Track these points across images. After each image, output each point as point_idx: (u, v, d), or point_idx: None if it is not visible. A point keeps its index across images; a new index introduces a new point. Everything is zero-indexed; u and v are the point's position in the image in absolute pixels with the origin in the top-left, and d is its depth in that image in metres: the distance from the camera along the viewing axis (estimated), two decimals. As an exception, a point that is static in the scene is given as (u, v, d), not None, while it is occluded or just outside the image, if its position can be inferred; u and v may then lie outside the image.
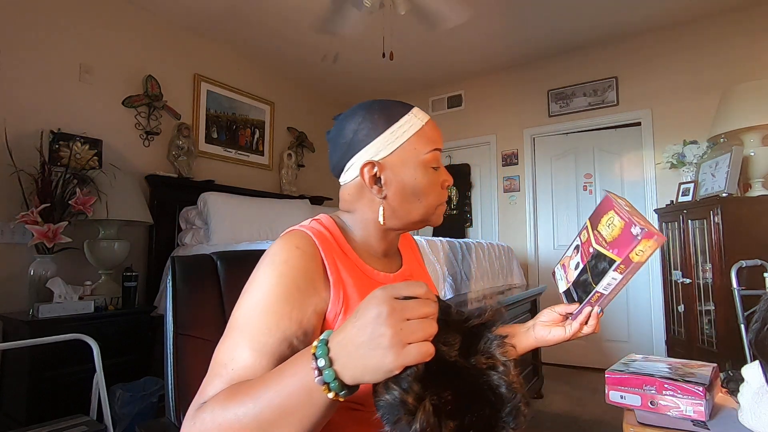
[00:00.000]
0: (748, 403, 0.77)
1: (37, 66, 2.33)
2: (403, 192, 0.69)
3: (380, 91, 4.39)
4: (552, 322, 0.79)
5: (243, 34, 3.24)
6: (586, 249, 0.73)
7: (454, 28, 2.87)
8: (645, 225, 0.63)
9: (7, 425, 1.95)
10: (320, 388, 0.41)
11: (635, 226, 0.63)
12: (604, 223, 0.70)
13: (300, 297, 0.58)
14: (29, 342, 1.62)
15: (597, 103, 3.48)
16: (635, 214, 0.66)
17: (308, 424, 0.43)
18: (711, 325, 2.45)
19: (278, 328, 0.55)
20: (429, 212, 0.72)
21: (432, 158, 0.70)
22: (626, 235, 0.64)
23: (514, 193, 3.83)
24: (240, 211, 2.85)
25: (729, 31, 2.98)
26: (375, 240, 0.73)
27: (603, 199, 0.73)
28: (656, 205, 3.17)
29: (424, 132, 0.70)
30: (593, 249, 0.70)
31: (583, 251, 0.74)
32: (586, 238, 0.73)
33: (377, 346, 0.39)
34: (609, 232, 0.68)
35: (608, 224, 0.68)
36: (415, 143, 0.69)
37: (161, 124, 2.89)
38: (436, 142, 0.72)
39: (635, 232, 0.62)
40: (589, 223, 0.75)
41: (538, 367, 2.80)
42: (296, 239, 0.63)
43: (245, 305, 0.57)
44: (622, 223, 0.65)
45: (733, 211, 2.35)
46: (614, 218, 0.67)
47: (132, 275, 2.33)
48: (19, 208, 2.10)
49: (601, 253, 0.68)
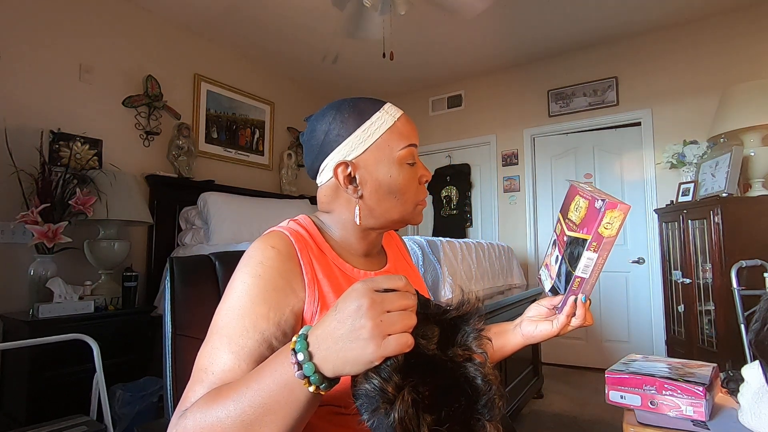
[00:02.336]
0: (748, 403, 0.77)
1: (37, 66, 2.33)
2: (379, 190, 0.68)
3: (380, 91, 4.39)
4: (539, 317, 0.75)
5: (243, 34, 3.24)
6: (561, 240, 0.72)
7: (455, 28, 2.87)
8: (607, 197, 0.62)
9: (7, 425, 1.95)
10: (301, 382, 0.41)
11: (597, 201, 0.62)
12: (572, 209, 0.69)
13: (277, 297, 0.58)
14: (29, 342, 1.62)
15: (597, 103, 3.48)
16: (597, 192, 0.66)
17: (291, 421, 0.43)
18: (711, 325, 2.45)
19: (256, 329, 0.55)
20: (407, 210, 0.71)
21: (407, 154, 0.69)
22: (591, 212, 0.64)
23: (514, 193, 3.83)
24: (240, 211, 2.85)
25: (729, 32, 2.98)
26: (355, 239, 0.72)
27: (568, 190, 0.73)
28: (656, 205, 3.17)
29: (396, 128, 0.69)
30: (567, 237, 0.69)
31: (559, 243, 0.73)
32: (560, 230, 0.73)
33: (357, 337, 0.39)
34: (577, 216, 0.67)
35: (575, 209, 0.68)
36: (389, 140, 0.68)
37: (161, 124, 2.89)
38: (410, 137, 0.70)
39: (598, 205, 0.62)
40: (560, 216, 0.75)
41: (538, 367, 2.80)
42: (272, 240, 0.63)
43: (223, 309, 0.57)
44: (586, 202, 0.65)
45: (733, 211, 2.35)
46: (579, 201, 0.67)
47: (132, 275, 2.34)
48: (19, 208, 2.10)
49: (574, 238, 0.67)
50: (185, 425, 0.46)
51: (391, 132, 0.68)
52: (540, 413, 2.54)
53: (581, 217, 0.66)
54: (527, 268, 3.66)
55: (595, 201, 0.63)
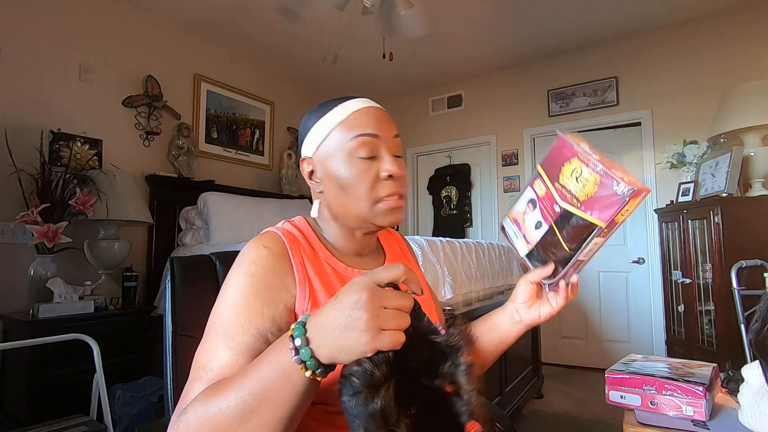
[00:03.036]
0: (748, 403, 0.77)
1: (37, 66, 2.33)
2: (334, 186, 0.67)
3: (380, 91, 4.39)
4: (532, 297, 0.71)
5: (243, 34, 3.24)
6: (548, 207, 0.62)
7: (454, 28, 2.87)
8: (627, 179, 0.53)
9: (7, 425, 1.95)
10: (298, 367, 0.42)
11: (618, 183, 0.52)
12: (568, 174, 0.58)
13: (270, 294, 0.59)
14: (29, 342, 1.62)
15: (597, 103, 3.48)
16: (607, 163, 0.55)
17: (289, 408, 0.44)
18: (711, 325, 2.45)
19: (251, 325, 0.56)
20: (362, 208, 0.66)
21: (358, 146, 0.65)
22: (607, 194, 0.54)
23: (514, 193, 3.83)
24: (240, 211, 2.85)
25: (729, 32, 2.98)
26: (341, 239, 0.72)
27: (557, 142, 0.60)
28: (656, 205, 3.17)
29: (349, 120, 0.67)
30: (560, 208, 0.59)
31: (544, 208, 0.62)
32: (545, 191, 0.61)
33: (353, 328, 0.40)
34: (579, 188, 0.56)
35: (575, 177, 0.57)
36: (340, 132, 0.67)
37: (161, 124, 2.89)
38: (363, 127, 0.66)
39: (620, 191, 0.52)
40: (543, 173, 0.63)
41: (538, 367, 2.80)
42: (265, 240, 0.65)
43: (219, 308, 0.59)
44: (595, 177, 0.55)
45: (733, 211, 2.35)
46: (582, 170, 0.56)
47: (132, 275, 2.34)
48: (19, 208, 2.10)
49: (571, 213, 0.58)
50: (187, 419, 0.47)
51: (342, 124, 0.67)
52: (540, 413, 2.54)
53: (588, 193, 0.55)
54: (527, 268, 3.65)
55: (613, 181, 0.52)
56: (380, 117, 0.68)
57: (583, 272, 3.09)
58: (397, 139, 0.70)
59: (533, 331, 2.78)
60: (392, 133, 0.69)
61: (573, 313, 3.53)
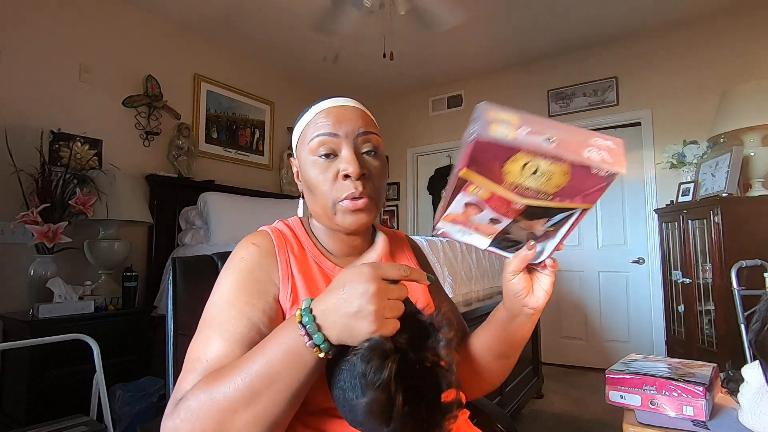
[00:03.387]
0: (748, 403, 0.77)
1: (37, 66, 2.33)
2: (305, 186, 0.70)
3: (380, 91, 4.39)
4: (525, 288, 0.61)
5: (243, 34, 3.24)
6: (501, 207, 0.51)
7: (454, 28, 2.87)
8: (605, 154, 0.44)
9: (7, 425, 1.95)
10: (311, 350, 0.46)
11: (595, 167, 0.44)
12: (518, 173, 0.45)
13: (259, 287, 0.62)
14: (29, 342, 1.62)
15: (597, 103, 3.48)
16: (570, 143, 0.44)
17: (299, 386, 0.47)
18: (711, 325, 2.45)
19: (243, 315, 0.58)
20: (326, 208, 0.65)
21: (317, 145, 0.65)
22: (586, 181, 0.46)
23: (514, 193, 3.82)
24: (240, 211, 2.85)
25: (729, 32, 2.98)
26: (327, 238, 0.73)
27: (473, 145, 0.43)
28: (656, 205, 3.17)
29: (314, 119, 0.67)
30: (522, 205, 0.50)
31: (497, 209, 0.51)
32: (489, 194, 0.49)
33: (363, 318, 0.44)
34: (543, 182, 0.46)
35: (530, 173, 0.45)
36: (306, 132, 0.68)
37: (161, 124, 2.89)
38: (322, 127, 0.65)
39: (603, 173, 0.44)
40: (472, 175, 0.47)
41: (538, 367, 2.80)
42: (254, 238, 0.68)
43: (211, 303, 0.61)
44: (561, 167, 0.44)
45: (733, 211, 2.35)
46: (539, 164, 0.44)
47: (132, 275, 2.34)
48: (19, 208, 2.10)
49: (540, 207, 0.50)
50: (189, 406, 0.47)
51: (309, 124, 0.68)
52: (540, 413, 2.54)
53: (558, 185, 0.46)
54: (527, 268, 3.65)
55: (589, 168, 0.44)
56: (342, 114, 0.66)
57: (584, 272, 3.06)
58: (369, 136, 0.67)
59: (533, 331, 2.77)
60: (357, 130, 0.66)
61: (573, 313, 3.53)
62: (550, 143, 0.43)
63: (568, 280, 3.57)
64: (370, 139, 0.68)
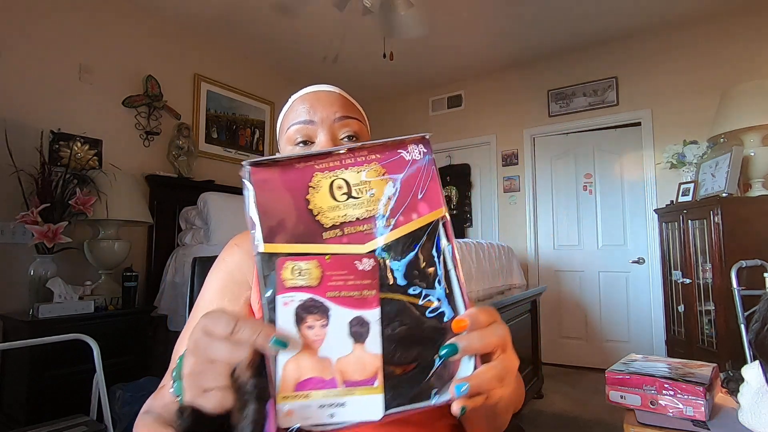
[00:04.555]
0: (748, 403, 0.77)
1: (37, 66, 2.33)
2: None
3: (380, 91, 4.39)
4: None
5: (243, 34, 3.24)
6: (347, 282, 0.33)
7: (455, 28, 2.87)
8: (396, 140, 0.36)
9: (7, 425, 1.95)
10: (176, 398, 0.37)
11: (407, 152, 0.36)
12: (329, 200, 0.35)
13: (234, 288, 0.61)
14: (29, 342, 1.62)
15: (597, 103, 3.48)
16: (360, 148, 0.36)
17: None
18: (711, 325, 2.45)
19: None
20: None
21: (294, 133, 0.62)
22: (405, 175, 0.36)
23: (514, 193, 3.83)
24: (240, 211, 2.82)
25: (729, 32, 2.98)
26: None
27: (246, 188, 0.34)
28: (656, 205, 3.17)
29: (291, 107, 0.66)
30: (372, 259, 0.34)
31: (341, 291, 0.33)
32: (318, 270, 0.33)
33: (184, 376, 0.33)
34: (365, 202, 0.35)
35: (342, 194, 0.35)
36: (283, 125, 0.66)
37: (161, 124, 2.89)
38: (299, 113, 0.62)
39: (417, 156, 0.36)
40: (279, 247, 0.33)
41: (538, 367, 2.80)
42: (238, 238, 0.67)
43: (195, 305, 0.62)
44: (373, 169, 0.35)
45: (733, 211, 2.35)
46: (346, 176, 0.35)
47: (132, 275, 2.33)
48: (19, 208, 2.10)
49: (393, 242, 0.35)
50: (140, 414, 0.50)
51: (287, 114, 0.66)
52: (540, 413, 2.54)
53: (379, 198, 0.35)
54: (527, 268, 3.66)
55: (395, 155, 0.36)
56: (317, 100, 0.63)
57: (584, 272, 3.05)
58: (348, 121, 0.62)
59: (533, 331, 2.78)
60: (333, 114, 0.62)
61: (573, 313, 3.53)
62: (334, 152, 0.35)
63: (568, 280, 3.57)
64: (349, 123, 0.63)
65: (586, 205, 3.56)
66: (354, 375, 0.32)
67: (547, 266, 3.66)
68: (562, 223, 3.65)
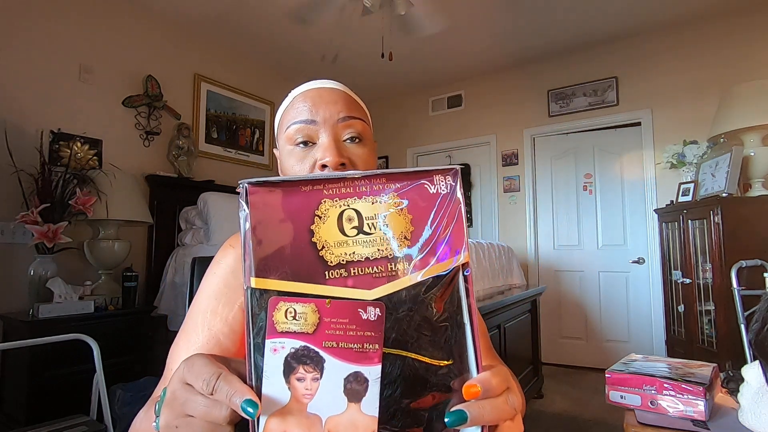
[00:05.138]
0: (748, 403, 0.77)
1: (37, 66, 2.33)
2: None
3: (380, 91, 4.39)
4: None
5: (243, 34, 3.24)
6: (347, 332, 0.29)
7: (455, 28, 2.87)
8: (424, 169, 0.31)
9: (7, 425, 1.95)
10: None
11: (435, 183, 0.31)
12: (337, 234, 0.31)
13: (228, 293, 0.59)
14: (29, 342, 1.62)
15: (597, 103, 3.48)
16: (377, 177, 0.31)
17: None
18: (711, 325, 2.45)
19: (205, 325, 0.56)
20: None
21: (294, 132, 0.60)
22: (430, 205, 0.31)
23: (514, 193, 3.83)
24: (240, 211, 2.84)
25: (729, 31, 2.98)
26: None
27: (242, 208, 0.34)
28: (656, 205, 3.17)
29: (291, 104, 0.63)
30: (376, 311, 0.29)
31: (342, 342, 0.29)
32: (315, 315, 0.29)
33: (162, 429, 0.32)
34: (381, 238, 0.31)
35: (352, 227, 0.31)
36: (283, 122, 0.63)
37: (161, 124, 2.89)
38: (298, 113, 0.60)
39: (445, 188, 0.31)
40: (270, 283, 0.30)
41: (538, 367, 2.80)
42: (234, 239, 0.64)
43: (190, 308, 0.60)
44: (387, 202, 0.31)
45: (733, 211, 2.35)
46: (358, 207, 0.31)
47: (132, 275, 2.34)
48: (19, 208, 2.10)
49: (401, 291, 0.30)
50: (138, 415, 0.50)
51: (286, 111, 0.63)
52: (540, 413, 2.54)
53: (405, 232, 0.31)
54: (527, 268, 3.66)
55: (418, 182, 0.31)
56: (320, 98, 0.61)
57: (584, 272, 3.05)
58: (351, 121, 0.61)
59: (533, 331, 2.78)
60: (337, 114, 0.60)
61: (573, 313, 3.53)
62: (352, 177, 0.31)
63: (568, 280, 3.57)
64: (353, 124, 0.61)
65: (586, 205, 3.56)
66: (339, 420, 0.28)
67: (547, 266, 3.66)
68: (562, 223, 3.65)
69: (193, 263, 0.83)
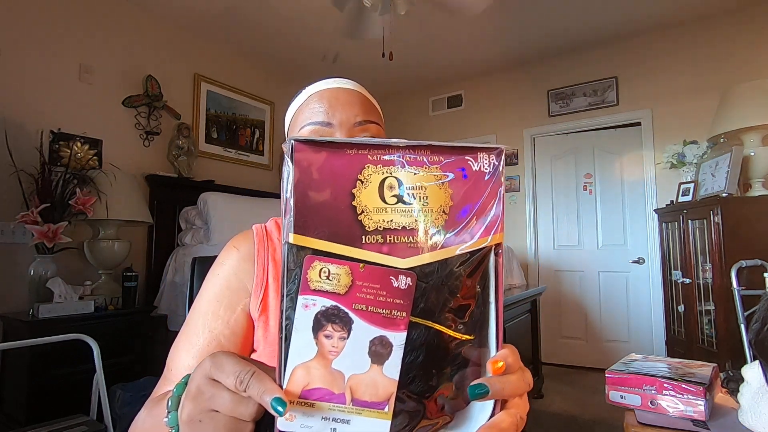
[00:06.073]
0: (748, 403, 0.77)
1: (37, 66, 2.33)
2: None
3: (380, 91, 4.39)
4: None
5: (243, 34, 3.24)
6: (378, 297, 0.29)
7: (455, 28, 2.87)
8: (471, 146, 0.32)
9: (7, 425, 1.95)
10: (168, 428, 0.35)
11: (478, 159, 0.32)
12: (377, 200, 0.30)
13: (230, 295, 0.58)
14: (29, 342, 1.62)
15: (597, 103, 3.48)
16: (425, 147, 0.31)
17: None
18: (711, 325, 2.45)
19: (206, 327, 0.56)
20: None
21: (308, 134, 0.58)
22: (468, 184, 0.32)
23: (514, 193, 3.83)
24: (240, 211, 2.85)
25: (729, 32, 2.98)
26: None
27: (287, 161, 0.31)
28: (656, 205, 3.18)
29: (306, 103, 0.61)
30: (409, 279, 0.30)
31: (371, 306, 0.29)
32: (348, 277, 0.29)
33: (181, 423, 0.32)
34: (418, 210, 0.30)
35: (391, 195, 0.30)
36: (296, 121, 0.62)
37: (161, 124, 2.89)
38: (313, 115, 0.59)
39: (487, 167, 0.32)
40: (310, 241, 0.29)
41: (539, 367, 2.80)
42: (237, 240, 0.64)
43: (191, 308, 0.59)
44: (431, 173, 0.31)
45: (733, 211, 2.35)
46: (400, 176, 0.31)
47: (132, 275, 2.34)
48: (19, 208, 2.10)
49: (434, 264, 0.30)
50: (138, 415, 0.49)
51: (299, 111, 0.62)
52: (540, 413, 2.54)
53: (444, 206, 0.31)
54: (527, 268, 3.66)
55: (463, 160, 0.32)
56: (337, 99, 0.59)
57: (584, 272, 3.05)
58: (368, 125, 0.60)
59: (533, 331, 2.78)
60: (354, 118, 0.59)
61: (573, 313, 3.53)
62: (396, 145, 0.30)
63: (568, 280, 3.57)
64: (369, 128, 0.60)
65: (586, 205, 3.56)
66: (365, 395, 0.29)
67: (547, 266, 3.66)
68: (562, 223, 3.65)
69: (193, 263, 0.82)
